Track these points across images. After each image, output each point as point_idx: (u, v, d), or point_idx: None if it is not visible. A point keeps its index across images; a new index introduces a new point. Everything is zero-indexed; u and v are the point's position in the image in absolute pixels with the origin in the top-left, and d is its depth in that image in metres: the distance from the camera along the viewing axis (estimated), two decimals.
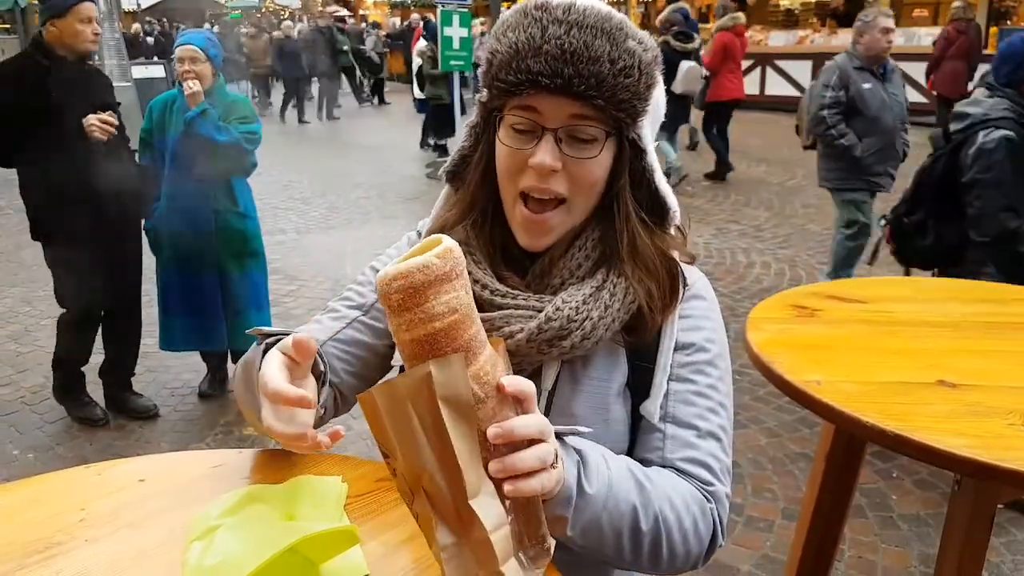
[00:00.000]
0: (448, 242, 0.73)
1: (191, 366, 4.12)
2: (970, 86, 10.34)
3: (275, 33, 15.39)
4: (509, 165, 0.97)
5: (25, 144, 3.11)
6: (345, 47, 16.40)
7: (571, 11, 0.92)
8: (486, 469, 0.73)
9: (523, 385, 0.76)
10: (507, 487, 0.73)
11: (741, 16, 8.58)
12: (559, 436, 0.85)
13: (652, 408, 1.00)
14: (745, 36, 8.93)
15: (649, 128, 1.00)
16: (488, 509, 0.71)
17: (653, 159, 1.01)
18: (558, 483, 0.80)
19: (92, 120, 3.14)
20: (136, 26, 19.10)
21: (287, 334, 0.95)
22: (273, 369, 0.83)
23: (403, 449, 0.71)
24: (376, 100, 17.60)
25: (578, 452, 0.86)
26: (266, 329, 0.98)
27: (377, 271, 1.14)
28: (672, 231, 1.06)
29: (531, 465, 0.74)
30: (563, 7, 0.93)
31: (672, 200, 1.03)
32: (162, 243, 3.54)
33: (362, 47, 17.07)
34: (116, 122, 3.23)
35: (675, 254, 1.04)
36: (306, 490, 0.97)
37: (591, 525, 0.86)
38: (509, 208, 1.01)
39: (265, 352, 0.92)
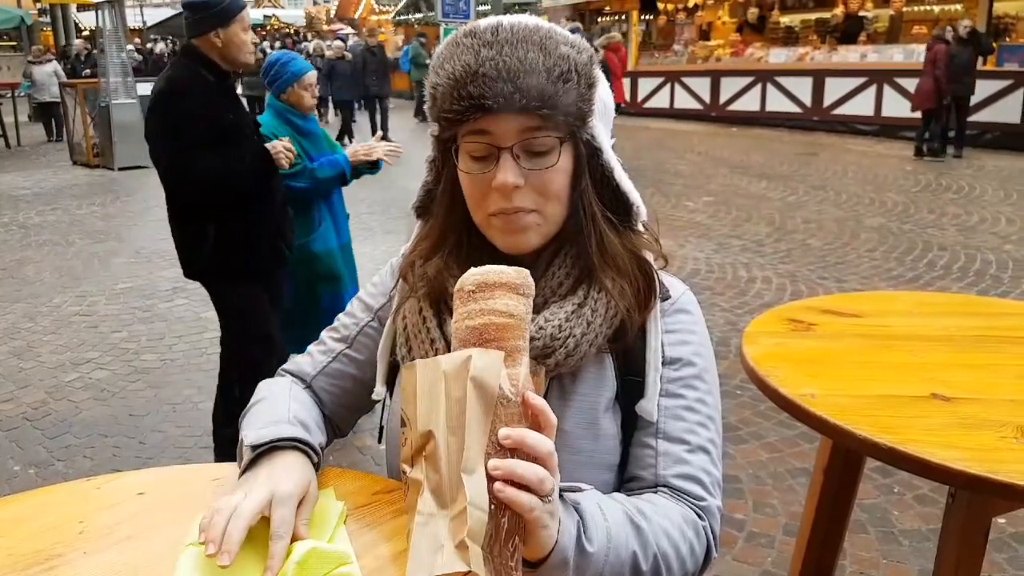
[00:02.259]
0: (524, 271, 0.83)
1: (193, 382, 4.14)
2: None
3: (327, 53, 14.48)
4: (474, 192, 0.99)
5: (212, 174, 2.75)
6: (427, 61, 16.43)
7: (499, 31, 0.94)
8: (486, 467, 0.74)
9: (547, 410, 0.78)
10: (497, 486, 0.73)
11: (616, 35, 11.19)
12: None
13: (650, 407, 1.00)
14: (623, 51, 10.91)
15: (602, 126, 1.02)
16: (476, 487, 0.73)
17: (610, 156, 1.02)
18: (546, 533, 0.78)
19: (279, 147, 2.86)
20: (161, 46, 19.02)
21: (282, 439, 1.01)
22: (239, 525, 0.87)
23: (421, 415, 0.77)
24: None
25: (576, 509, 0.86)
26: (258, 440, 1.00)
27: (363, 303, 1.20)
28: (640, 227, 1.07)
29: (528, 477, 0.74)
30: (490, 29, 0.95)
31: (635, 195, 1.04)
32: (340, 259, 3.59)
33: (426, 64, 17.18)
34: (294, 148, 2.98)
35: (648, 255, 1.04)
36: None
37: None
38: (483, 227, 1.02)
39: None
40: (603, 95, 1.01)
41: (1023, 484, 1.10)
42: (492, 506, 0.74)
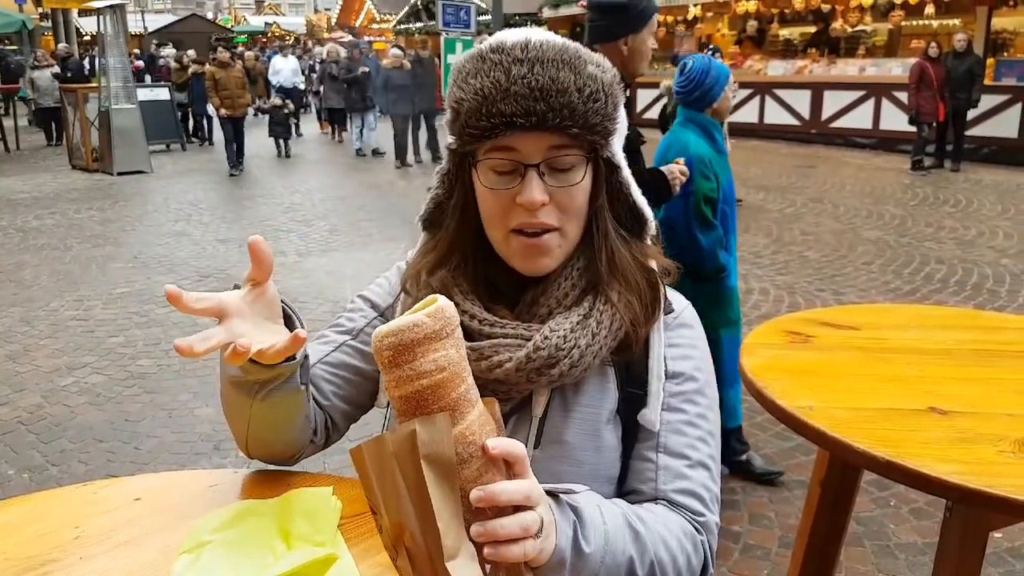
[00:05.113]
0: (442, 301, 0.75)
1: (189, 388, 4.13)
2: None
3: (383, 62, 13.21)
4: (495, 208, 0.98)
5: None
6: None
7: (528, 48, 0.93)
8: (468, 530, 0.73)
9: (512, 448, 0.75)
10: (487, 551, 0.72)
11: None
12: (555, 494, 0.84)
13: (652, 417, 1.00)
14: None
15: (618, 144, 1.02)
16: (465, 571, 0.71)
17: (627, 174, 1.03)
18: (543, 552, 0.78)
19: (675, 171, 2.62)
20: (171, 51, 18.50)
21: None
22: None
23: (387, 505, 0.73)
24: None
25: (574, 509, 0.86)
26: None
27: (368, 300, 1.16)
28: (648, 240, 1.07)
29: (512, 532, 0.73)
30: (519, 45, 0.94)
31: (648, 211, 1.05)
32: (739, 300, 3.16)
33: None
34: (687, 170, 2.68)
35: (653, 263, 1.05)
36: (299, 504, 0.98)
37: None
38: (501, 245, 1.00)
39: None
40: (622, 114, 1.01)
41: (1020, 498, 1.10)
42: (488, 569, 0.74)
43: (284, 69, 15.76)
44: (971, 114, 10.89)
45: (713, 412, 1.05)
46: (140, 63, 16.59)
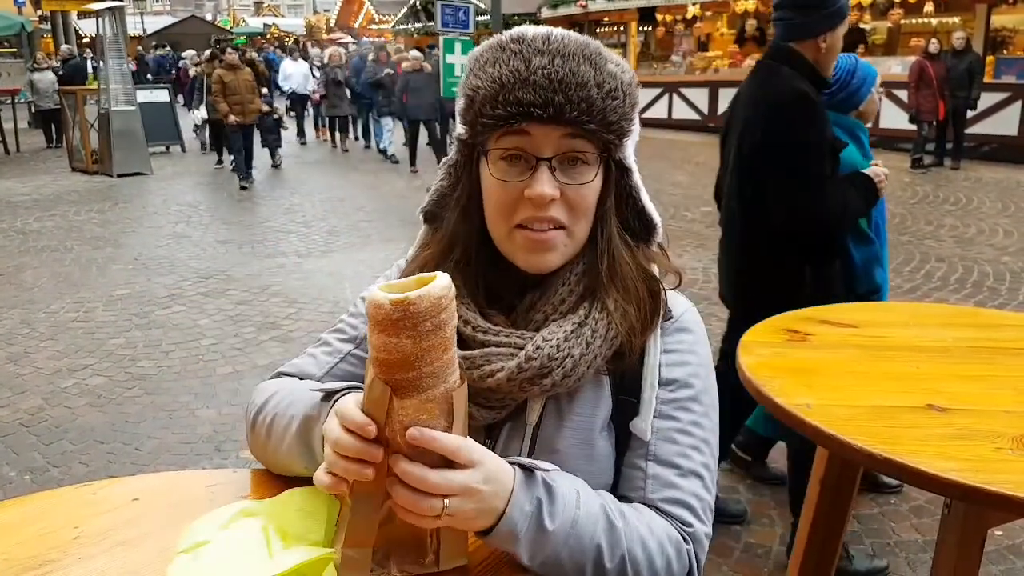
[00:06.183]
0: (415, 294, 0.76)
1: (189, 389, 4.13)
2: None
3: (403, 64, 12.42)
4: (503, 199, 0.95)
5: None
6: None
7: (550, 41, 0.92)
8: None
9: (438, 439, 0.78)
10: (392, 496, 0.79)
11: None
12: (528, 468, 0.86)
13: (644, 426, 0.98)
14: None
15: (631, 147, 1.00)
16: (360, 506, 0.83)
17: (637, 178, 1.02)
18: (468, 519, 0.82)
19: (881, 174, 2.45)
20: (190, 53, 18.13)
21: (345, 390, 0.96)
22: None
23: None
24: None
25: (548, 487, 0.85)
26: (327, 387, 0.98)
27: None
28: (655, 248, 1.05)
29: (414, 479, 0.78)
30: (540, 37, 0.93)
31: (657, 217, 1.04)
32: None
33: None
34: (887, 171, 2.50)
35: (655, 269, 1.03)
36: (298, 503, 0.98)
37: (551, 559, 0.85)
38: (503, 239, 0.98)
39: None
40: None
41: (1018, 495, 1.10)
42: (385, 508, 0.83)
43: (295, 74, 14.94)
44: (970, 112, 10.89)
45: (709, 420, 1.02)
46: (132, 66, 16.29)
